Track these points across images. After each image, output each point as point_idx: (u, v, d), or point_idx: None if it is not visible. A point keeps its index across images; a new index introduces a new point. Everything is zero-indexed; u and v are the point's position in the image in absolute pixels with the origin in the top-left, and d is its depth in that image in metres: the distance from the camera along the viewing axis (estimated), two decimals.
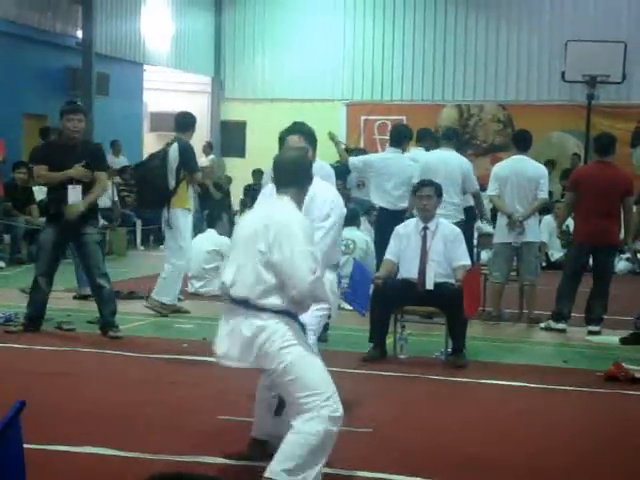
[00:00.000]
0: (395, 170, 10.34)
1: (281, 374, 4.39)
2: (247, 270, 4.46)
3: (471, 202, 10.42)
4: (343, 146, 12.09)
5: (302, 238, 4.41)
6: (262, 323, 4.40)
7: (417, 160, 10.65)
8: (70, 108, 8.51)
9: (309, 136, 5.58)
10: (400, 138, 10.76)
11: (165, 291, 9.65)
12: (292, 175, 4.67)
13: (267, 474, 4.32)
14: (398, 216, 9.62)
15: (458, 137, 11.03)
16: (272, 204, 4.73)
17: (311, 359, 4.46)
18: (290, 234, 4.40)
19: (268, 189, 5.38)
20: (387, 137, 22.15)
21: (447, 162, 10.06)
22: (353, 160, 11.05)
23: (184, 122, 9.80)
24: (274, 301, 4.41)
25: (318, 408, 4.34)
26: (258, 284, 4.42)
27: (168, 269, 9.59)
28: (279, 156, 4.82)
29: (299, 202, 4.70)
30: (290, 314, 4.46)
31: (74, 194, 8.34)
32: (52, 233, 8.46)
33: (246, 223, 4.67)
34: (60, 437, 5.23)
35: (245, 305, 4.45)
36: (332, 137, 11.16)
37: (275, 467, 4.30)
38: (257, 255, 4.43)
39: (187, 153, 9.58)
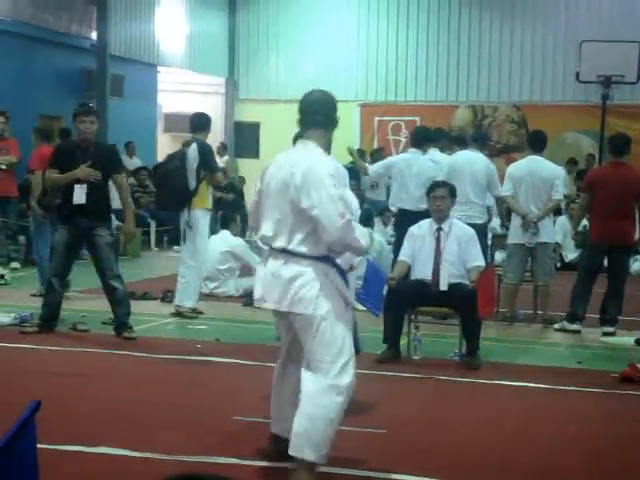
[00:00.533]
0: (417, 171, 10.31)
1: (310, 323, 4.42)
2: (284, 221, 4.49)
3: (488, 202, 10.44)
4: (366, 164, 11.92)
5: (329, 182, 4.41)
6: (301, 269, 4.44)
7: (437, 161, 10.67)
8: (82, 110, 8.54)
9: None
10: (421, 139, 10.75)
11: (188, 295, 9.68)
12: (318, 115, 4.70)
13: (293, 452, 4.35)
14: (419, 217, 9.62)
15: (485, 140, 11.03)
16: (296, 151, 4.70)
17: (342, 318, 4.49)
18: (317, 179, 4.41)
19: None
20: (401, 138, 22.31)
21: (473, 164, 10.06)
22: (374, 168, 10.95)
23: (200, 122, 9.80)
24: (312, 248, 4.44)
25: (334, 376, 4.39)
26: (295, 233, 4.46)
27: (187, 272, 9.59)
28: (305, 96, 4.85)
29: (325, 146, 4.68)
30: (330, 260, 4.48)
31: (79, 194, 8.37)
32: (65, 234, 8.49)
33: (273, 174, 4.65)
34: (73, 437, 5.24)
35: (286, 253, 4.48)
36: (351, 152, 11.08)
37: (300, 444, 4.33)
38: (289, 205, 4.47)
39: (207, 153, 9.62)
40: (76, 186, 8.38)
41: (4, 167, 13.09)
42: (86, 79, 17.98)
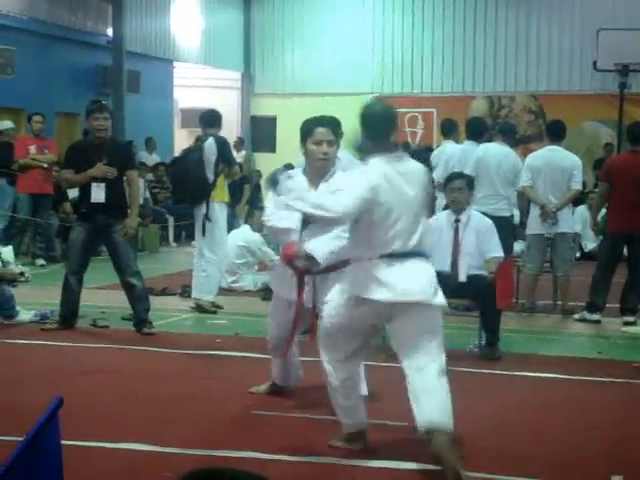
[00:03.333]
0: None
1: (435, 315, 5.00)
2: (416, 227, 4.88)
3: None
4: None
5: None
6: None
7: (443, 154, 10.62)
8: (95, 107, 8.57)
9: (337, 128, 5.64)
10: (478, 131, 10.77)
11: (208, 288, 9.70)
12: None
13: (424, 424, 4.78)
14: None
15: (513, 132, 10.97)
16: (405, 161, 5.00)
17: None
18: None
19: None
20: (417, 130, 22.25)
21: (501, 157, 10.02)
22: (439, 173, 10.72)
23: (212, 118, 9.87)
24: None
25: (441, 361, 5.01)
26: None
27: (207, 266, 9.62)
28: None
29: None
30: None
31: (97, 192, 8.40)
32: (82, 232, 8.51)
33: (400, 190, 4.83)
34: (95, 433, 5.26)
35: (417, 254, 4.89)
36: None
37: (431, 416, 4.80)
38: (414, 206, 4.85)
39: (226, 147, 9.74)
40: (93, 184, 8.40)
41: (45, 165, 13.32)
42: (102, 76, 18.05)
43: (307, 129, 5.64)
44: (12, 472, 2.46)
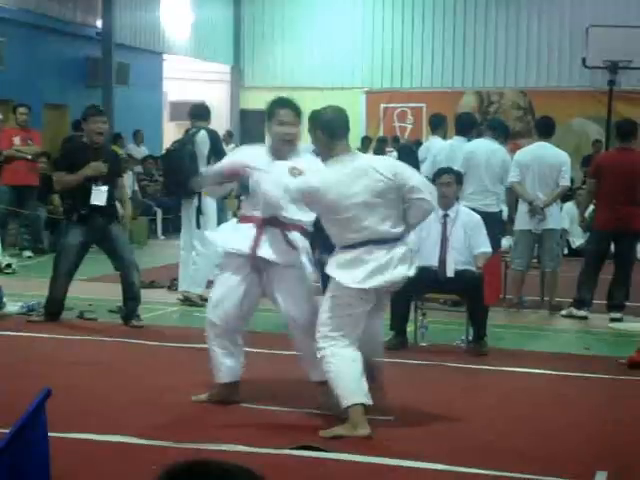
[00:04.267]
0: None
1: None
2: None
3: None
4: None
5: None
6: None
7: (430, 150, 10.61)
8: (94, 111, 8.61)
9: (299, 113, 5.88)
10: (467, 126, 10.78)
11: (197, 281, 9.70)
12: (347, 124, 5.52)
13: None
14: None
15: (504, 128, 10.96)
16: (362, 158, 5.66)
17: None
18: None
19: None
20: (407, 125, 22.29)
21: (490, 153, 10.02)
22: (426, 169, 10.68)
23: (201, 111, 9.89)
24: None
25: None
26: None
27: (198, 259, 9.63)
28: (330, 111, 5.54)
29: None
30: None
31: (98, 195, 8.40)
32: (79, 234, 8.47)
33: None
34: (82, 425, 5.25)
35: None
36: None
37: None
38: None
39: (218, 140, 9.75)
40: (94, 187, 8.39)
41: (29, 157, 13.28)
42: (91, 68, 18.00)
43: (270, 111, 5.95)
44: None
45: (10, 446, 2.57)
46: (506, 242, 11.06)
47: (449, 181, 8.09)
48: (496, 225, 9.83)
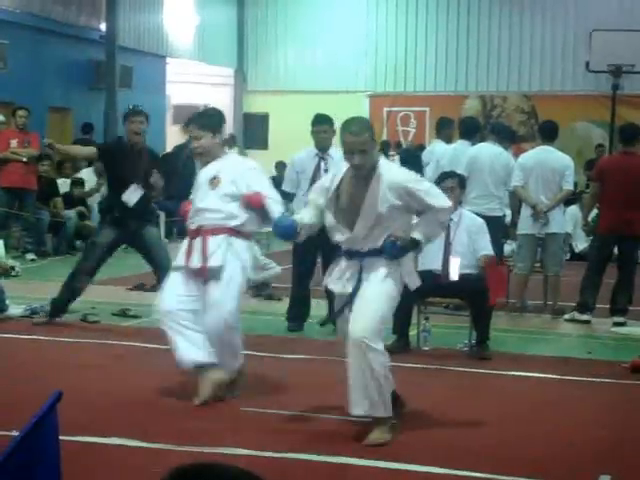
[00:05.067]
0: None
1: None
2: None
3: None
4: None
5: None
6: None
7: (433, 153, 10.61)
8: (132, 110, 8.67)
9: (204, 126, 6.27)
10: (471, 130, 10.79)
11: None
12: None
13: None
14: None
15: (507, 132, 10.96)
16: None
17: None
18: None
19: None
20: (410, 129, 22.29)
21: (494, 157, 10.02)
22: (430, 175, 10.70)
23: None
24: None
25: None
26: None
27: None
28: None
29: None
30: None
31: (131, 195, 8.41)
32: (110, 235, 8.49)
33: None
34: (83, 428, 5.24)
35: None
36: None
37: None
38: None
39: None
40: (132, 186, 8.41)
41: (25, 160, 13.28)
42: (95, 70, 18.01)
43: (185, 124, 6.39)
44: (6, 467, 2.44)
45: (19, 450, 2.55)
46: (508, 247, 11.06)
47: (452, 186, 8.07)
48: (499, 229, 9.82)
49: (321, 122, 8.47)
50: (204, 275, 6.08)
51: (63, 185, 15.01)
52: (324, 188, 5.57)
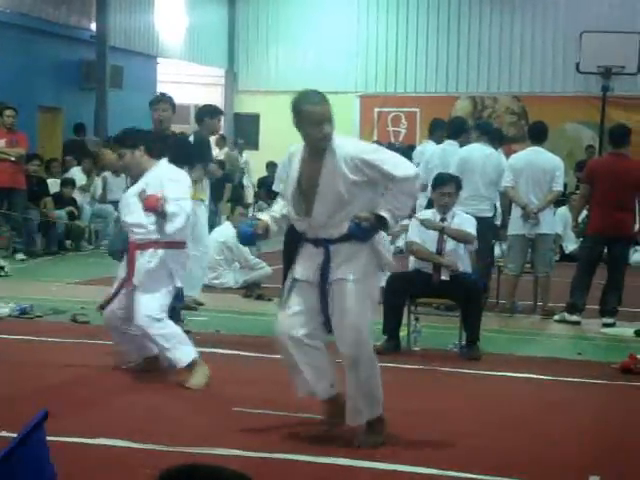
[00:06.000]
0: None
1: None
2: None
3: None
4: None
5: None
6: None
7: (423, 154, 10.63)
8: (155, 98, 8.70)
9: (120, 144, 6.76)
10: (458, 130, 10.80)
11: (192, 285, 9.62)
12: None
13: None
14: None
15: (497, 133, 10.98)
16: None
17: None
18: None
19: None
20: (400, 129, 22.30)
21: (485, 158, 10.03)
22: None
23: (197, 114, 9.88)
24: None
25: None
26: None
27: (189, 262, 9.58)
28: None
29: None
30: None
31: None
32: None
33: None
34: (73, 428, 5.23)
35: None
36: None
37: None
38: None
39: (201, 145, 9.61)
40: None
41: (13, 159, 13.26)
42: (85, 70, 17.98)
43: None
44: None
45: (3, 465, 2.50)
46: (497, 248, 11.08)
47: (451, 191, 8.08)
48: (489, 230, 9.85)
49: None
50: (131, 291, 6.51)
51: (53, 185, 14.99)
52: (283, 177, 5.41)
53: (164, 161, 6.76)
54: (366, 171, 4.88)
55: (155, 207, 6.34)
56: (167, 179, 6.51)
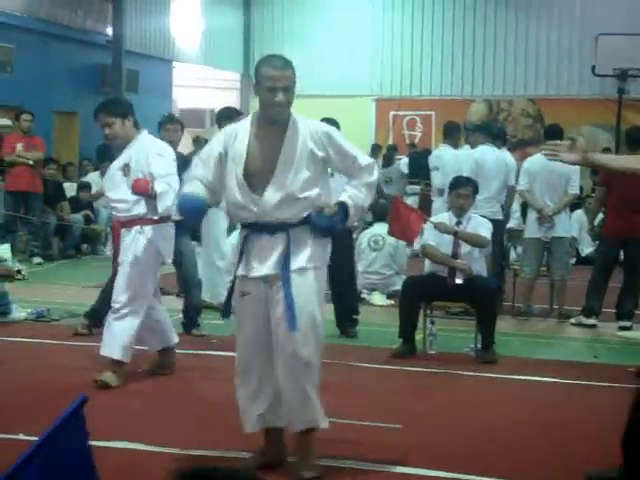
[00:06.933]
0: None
1: None
2: None
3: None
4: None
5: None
6: None
7: (441, 157, 10.64)
8: (164, 119, 8.75)
9: (113, 108, 6.60)
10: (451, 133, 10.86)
11: (217, 292, 9.59)
12: None
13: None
14: None
15: (503, 134, 10.98)
16: None
17: None
18: None
19: None
20: (416, 132, 22.29)
21: (498, 160, 10.03)
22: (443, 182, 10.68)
23: (217, 117, 9.87)
24: None
25: None
26: None
27: (206, 268, 9.57)
28: None
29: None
30: None
31: None
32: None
33: None
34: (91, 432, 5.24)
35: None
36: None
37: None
38: None
39: None
40: None
41: (31, 163, 13.35)
42: (102, 75, 18.04)
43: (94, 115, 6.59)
44: (26, 469, 2.41)
45: (36, 456, 2.51)
46: (513, 252, 11.07)
47: (467, 194, 8.08)
48: (502, 233, 9.86)
49: None
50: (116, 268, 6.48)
51: (70, 189, 15.05)
52: (215, 157, 4.66)
53: (145, 132, 6.66)
54: (328, 150, 4.57)
55: (146, 191, 6.28)
56: (153, 153, 6.42)
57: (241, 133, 4.61)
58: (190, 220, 5.31)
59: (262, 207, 4.50)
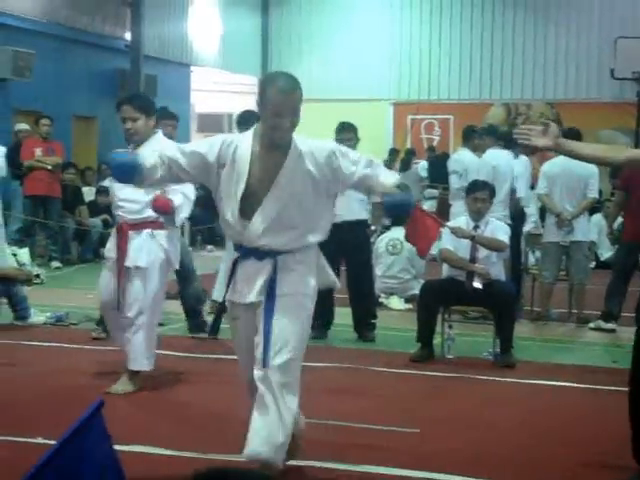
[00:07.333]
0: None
1: None
2: None
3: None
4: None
5: None
6: None
7: (461, 162, 10.65)
8: (160, 113, 8.62)
9: (137, 108, 6.29)
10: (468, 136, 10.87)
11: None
12: None
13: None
14: None
15: (504, 136, 10.95)
16: None
17: None
18: None
19: None
20: (434, 136, 22.27)
21: (512, 164, 10.01)
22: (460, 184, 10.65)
23: (237, 119, 9.87)
24: None
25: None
26: None
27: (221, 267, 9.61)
28: None
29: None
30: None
31: None
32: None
33: None
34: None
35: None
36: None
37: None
38: None
39: None
40: None
41: (50, 167, 13.41)
42: (120, 79, 18.09)
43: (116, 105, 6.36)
44: (41, 477, 2.42)
45: (54, 460, 2.51)
46: (531, 256, 11.03)
47: (484, 197, 8.07)
48: (517, 237, 9.84)
49: (345, 130, 8.43)
50: (122, 275, 6.25)
51: (88, 193, 15.11)
52: (199, 156, 4.41)
53: (160, 133, 6.52)
54: (329, 175, 4.35)
55: (167, 211, 6.17)
56: None
57: (242, 148, 4.39)
58: (116, 173, 4.69)
59: (248, 234, 4.36)
